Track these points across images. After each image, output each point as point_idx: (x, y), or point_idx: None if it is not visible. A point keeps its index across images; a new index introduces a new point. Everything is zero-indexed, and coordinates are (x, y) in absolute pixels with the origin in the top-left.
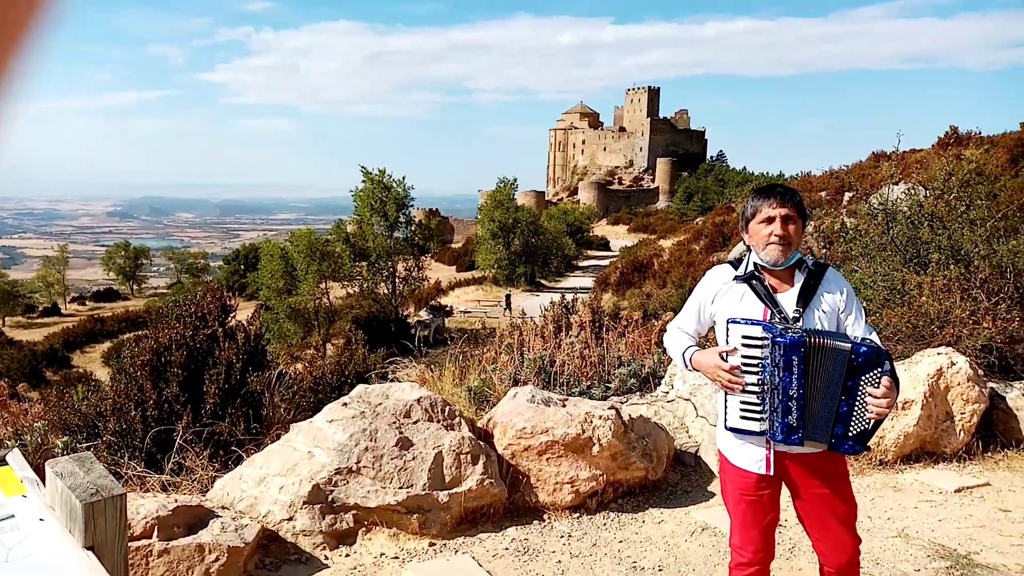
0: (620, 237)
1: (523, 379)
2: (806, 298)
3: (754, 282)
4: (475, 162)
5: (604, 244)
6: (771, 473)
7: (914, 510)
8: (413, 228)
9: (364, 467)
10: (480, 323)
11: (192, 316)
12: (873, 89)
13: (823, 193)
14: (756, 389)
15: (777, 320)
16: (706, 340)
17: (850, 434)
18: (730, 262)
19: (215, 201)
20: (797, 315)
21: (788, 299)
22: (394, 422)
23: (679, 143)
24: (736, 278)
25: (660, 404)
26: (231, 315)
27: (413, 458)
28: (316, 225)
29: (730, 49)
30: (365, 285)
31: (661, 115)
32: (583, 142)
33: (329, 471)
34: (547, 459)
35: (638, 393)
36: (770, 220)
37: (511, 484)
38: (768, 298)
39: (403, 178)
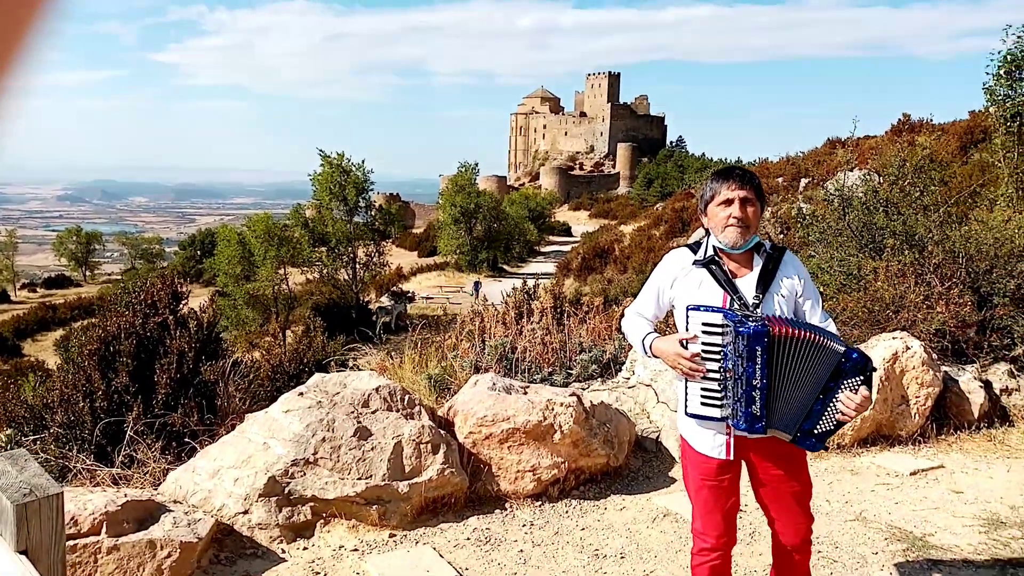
0: (581, 223)
1: (484, 366)
2: (765, 283)
3: (713, 267)
4: (436, 146)
5: (566, 230)
6: (731, 458)
7: (871, 493)
8: (373, 213)
9: (322, 458)
10: (443, 309)
11: (142, 304)
12: (829, 76)
13: (780, 179)
14: (717, 376)
15: (737, 307)
16: (665, 325)
17: (815, 431)
18: (688, 246)
19: (170, 185)
20: (757, 301)
21: (747, 284)
22: (352, 412)
23: (639, 129)
24: (695, 263)
25: (621, 390)
26: (183, 302)
27: (372, 448)
28: (274, 210)
29: (690, 35)
30: (325, 271)
31: (621, 100)
32: (544, 127)
33: (285, 462)
34: (508, 447)
35: (599, 379)
36: (728, 202)
37: (472, 473)
38: (727, 284)
39: (363, 162)
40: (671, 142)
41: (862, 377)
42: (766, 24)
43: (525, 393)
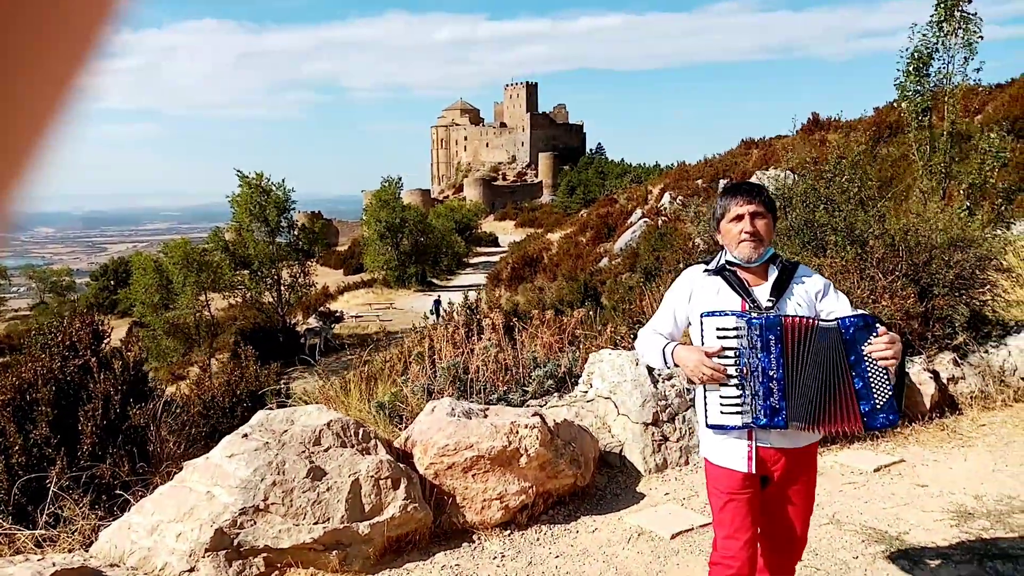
0: (508, 232)
1: (437, 390)
2: (779, 290)
3: (727, 273)
4: (357, 162)
5: (493, 240)
6: (753, 471)
7: (840, 493)
8: (296, 233)
9: (273, 504)
10: (381, 328)
11: (60, 345)
12: (738, 79)
13: (699, 181)
14: (735, 382)
15: (752, 310)
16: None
17: (878, 407)
18: (702, 262)
19: (77, 214)
20: (771, 304)
21: (762, 292)
22: (303, 451)
23: (559, 137)
24: (706, 271)
25: (580, 404)
26: (105, 341)
27: (327, 489)
28: (191, 234)
29: (602, 44)
30: (248, 294)
31: (540, 110)
32: (465, 139)
33: (233, 512)
34: (473, 475)
35: (556, 394)
36: (739, 218)
37: (436, 506)
38: (743, 289)
39: (283, 181)
40: (591, 149)
41: (874, 332)
42: (675, 31)
43: (486, 416)
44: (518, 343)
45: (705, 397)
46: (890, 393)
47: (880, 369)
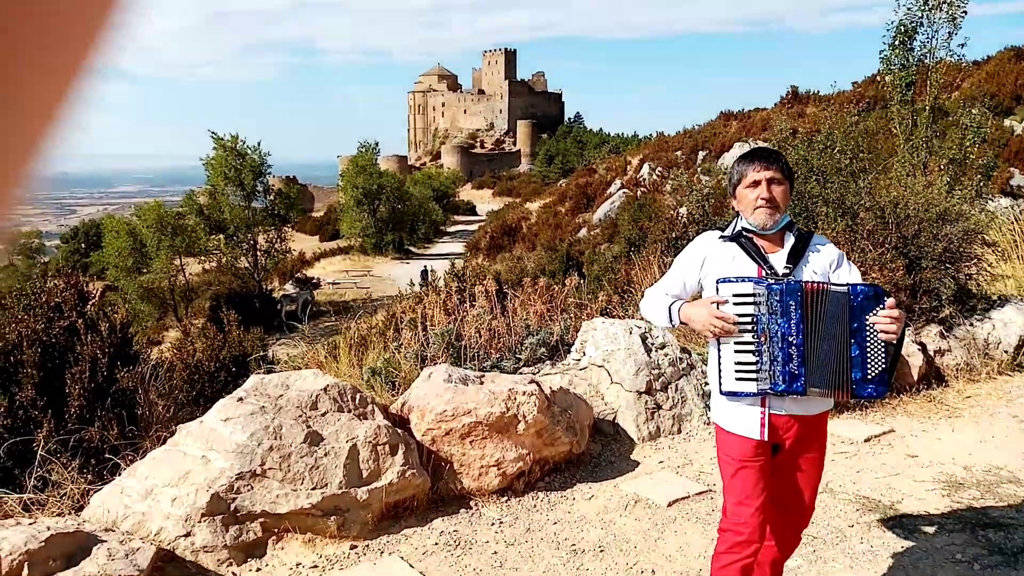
0: (486, 201)
1: (430, 356)
2: (796, 257)
3: (743, 240)
4: (332, 127)
5: (471, 209)
6: (765, 438)
7: (831, 463)
8: (272, 197)
9: (270, 469)
10: (365, 294)
11: (44, 306)
12: (717, 51)
13: (679, 152)
14: (751, 348)
15: (769, 276)
16: None
17: (869, 377)
18: (719, 228)
19: (45, 174)
20: (788, 271)
21: (778, 260)
22: (300, 416)
23: (538, 105)
24: (722, 238)
25: (573, 372)
26: (90, 302)
27: (325, 454)
28: (164, 197)
29: (581, 12)
30: (224, 259)
31: (519, 78)
32: (443, 105)
33: (229, 477)
34: (471, 442)
35: (549, 362)
36: (756, 184)
37: (433, 472)
38: (759, 256)
39: (259, 144)
40: (569, 118)
41: (881, 304)
42: (654, 1)
43: (482, 383)
44: (508, 311)
45: (719, 363)
46: (883, 366)
47: (879, 341)
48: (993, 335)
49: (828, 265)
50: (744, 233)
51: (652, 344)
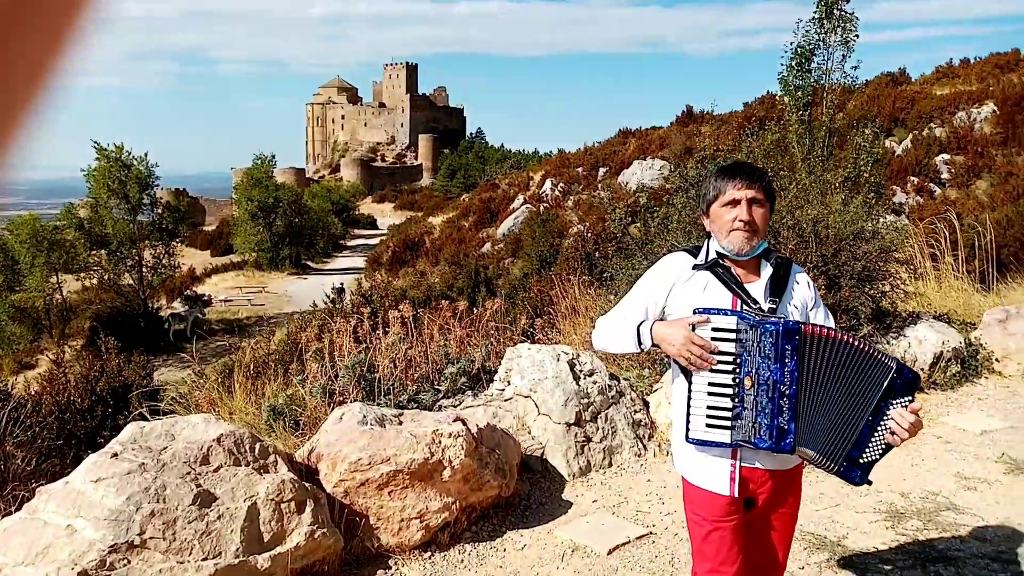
0: (387, 215)
1: (339, 391)
2: (779, 290)
3: (718, 269)
4: (226, 138)
5: (371, 223)
6: (736, 494)
7: None
8: (160, 211)
9: (152, 538)
10: (260, 312)
11: None
12: (613, 71)
13: (580, 168)
14: (728, 391)
15: (751, 311)
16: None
17: (862, 460)
18: (687, 250)
19: None
20: (773, 305)
21: (757, 290)
22: (188, 472)
23: (439, 120)
24: (695, 267)
25: (497, 404)
26: None
27: (219, 517)
28: (40, 210)
29: (482, 28)
30: (106, 276)
31: (420, 92)
32: (343, 117)
33: (100, 550)
34: (389, 492)
35: (471, 392)
36: (734, 203)
37: (347, 529)
38: (737, 286)
39: (145, 155)
40: (471, 133)
41: (910, 397)
42: (554, 20)
43: (401, 424)
44: (426, 337)
45: (689, 404)
46: (876, 457)
47: (887, 430)
48: (910, 352)
49: (808, 302)
50: (721, 261)
51: (581, 371)
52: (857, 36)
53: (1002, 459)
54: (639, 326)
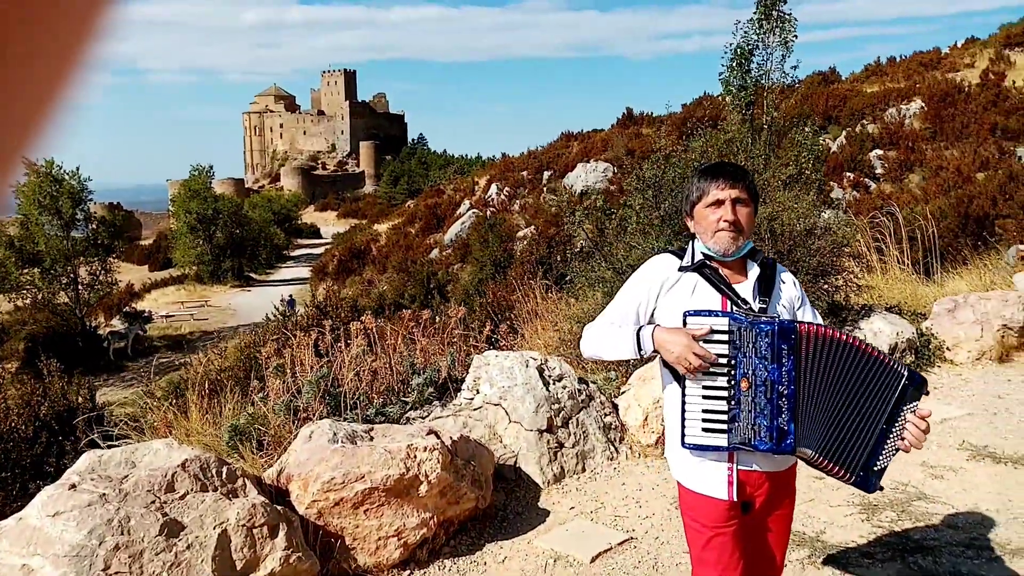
0: (330, 224)
1: (303, 407)
2: (768, 289)
3: (706, 271)
4: (160, 149)
5: (315, 232)
6: (734, 498)
7: None
8: (94, 226)
9: (118, 573)
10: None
11: None
12: (552, 75)
13: (524, 172)
14: (724, 394)
15: (742, 311)
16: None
17: (875, 468)
18: (672, 251)
19: None
20: (763, 305)
21: (745, 290)
22: (153, 501)
23: (380, 126)
24: (682, 268)
25: (467, 414)
26: None
27: (188, 547)
28: None
29: (418, 34)
30: (40, 295)
31: (360, 99)
32: (281, 126)
33: None
34: (365, 511)
35: (439, 403)
36: (718, 203)
37: (322, 551)
38: (726, 287)
39: (77, 169)
40: (412, 140)
41: (918, 401)
42: (490, 25)
43: (373, 439)
44: (390, 347)
45: (683, 409)
46: (887, 463)
47: (899, 437)
48: None
49: (794, 300)
50: (708, 263)
51: (550, 377)
52: (796, 36)
53: (963, 446)
54: (639, 331)
